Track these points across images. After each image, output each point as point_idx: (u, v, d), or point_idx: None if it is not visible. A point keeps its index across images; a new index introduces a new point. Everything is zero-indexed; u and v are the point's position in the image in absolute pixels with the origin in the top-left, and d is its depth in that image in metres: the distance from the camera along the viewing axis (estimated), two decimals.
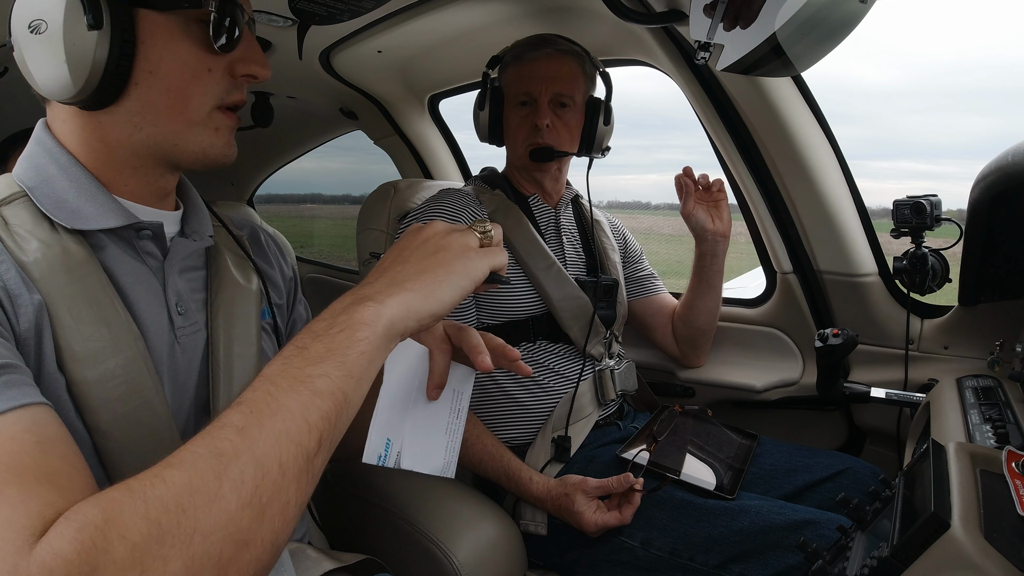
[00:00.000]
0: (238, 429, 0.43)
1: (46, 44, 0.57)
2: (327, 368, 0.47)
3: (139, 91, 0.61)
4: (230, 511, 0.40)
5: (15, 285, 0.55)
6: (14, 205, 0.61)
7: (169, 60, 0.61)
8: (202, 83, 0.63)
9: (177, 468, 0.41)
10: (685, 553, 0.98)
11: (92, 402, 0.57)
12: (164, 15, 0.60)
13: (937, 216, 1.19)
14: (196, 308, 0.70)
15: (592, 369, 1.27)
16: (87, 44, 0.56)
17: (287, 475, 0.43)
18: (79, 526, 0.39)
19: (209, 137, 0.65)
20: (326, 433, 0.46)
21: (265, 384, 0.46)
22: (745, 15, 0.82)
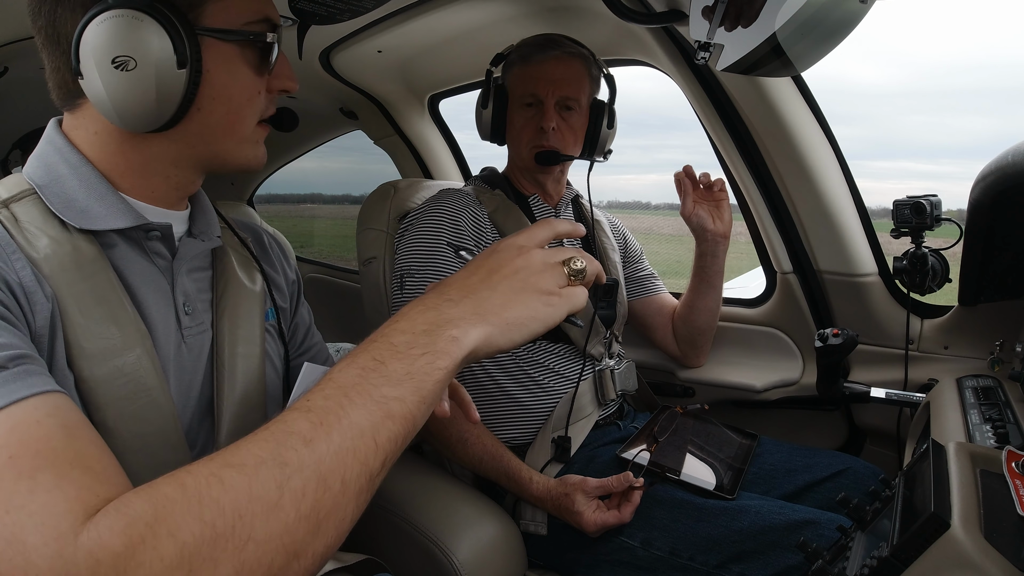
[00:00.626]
0: (306, 440, 0.42)
1: (135, 80, 0.58)
2: (404, 392, 0.46)
3: (201, 115, 0.63)
4: (287, 522, 0.40)
5: (30, 282, 0.55)
6: (24, 202, 0.61)
7: (231, 86, 0.64)
8: (254, 104, 0.67)
9: (238, 471, 0.40)
10: (685, 553, 0.98)
11: (99, 399, 0.58)
12: (226, 44, 0.62)
13: (937, 216, 1.19)
14: (203, 308, 0.71)
15: (592, 369, 1.27)
16: (177, 80, 0.59)
17: (348, 492, 0.43)
18: (129, 520, 0.38)
19: (253, 150, 0.69)
20: (391, 455, 0.46)
21: (338, 395, 0.45)
22: (745, 15, 0.82)
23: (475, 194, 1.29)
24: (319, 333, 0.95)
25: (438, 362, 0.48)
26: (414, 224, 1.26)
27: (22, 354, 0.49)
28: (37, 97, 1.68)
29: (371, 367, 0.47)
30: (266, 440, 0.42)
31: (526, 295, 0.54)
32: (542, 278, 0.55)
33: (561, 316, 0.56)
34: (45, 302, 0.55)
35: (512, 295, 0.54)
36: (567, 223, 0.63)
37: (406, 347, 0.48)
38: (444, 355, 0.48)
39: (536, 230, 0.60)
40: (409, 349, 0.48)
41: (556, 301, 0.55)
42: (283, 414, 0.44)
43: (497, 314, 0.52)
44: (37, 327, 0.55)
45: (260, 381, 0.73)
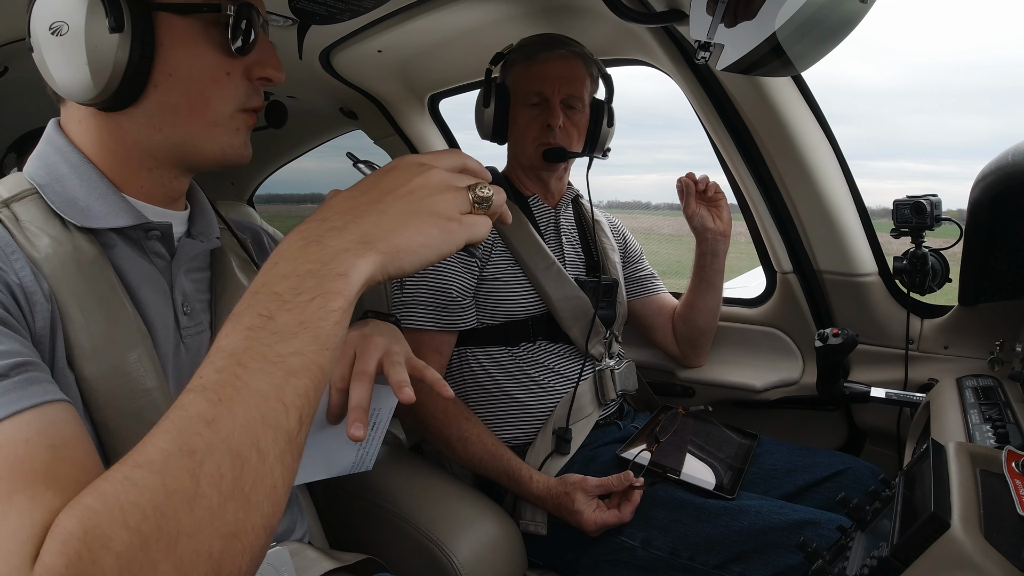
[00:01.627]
0: (208, 421, 0.39)
1: (67, 46, 0.57)
2: (300, 344, 0.42)
3: (158, 93, 0.61)
4: (212, 507, 0.38)
5: (30, 283, 0.55)
6: (25, 202, 0.61)
7: (188, 63, 0.61)
8: (221, 86, 0.64)
9: (147, 469, 0.38)
10: (685, 553, 0.98)
11: (99, 399, 0.58)
12: (183, 18, 0.60)
13: (937, 216, 1.19)
14: (201, 309, 0.71)
15: (592, 369, 1.27)
16: (108, 47, 0.57)
17: (268, 460, 0.40)
18: (62, 539, 0.38)
19: (228, 138, 0.66)
20: (305, 410, 0.43)
21: (231, 365, 0.41)
22: (745, 15, 0.82)
23: None
24: None
25: (330, 304, 0.44)
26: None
27: (24, 361, 0.48)
28: (37, 97, 1.68)
29: (259, 324, 0.43)
30: (168, 431, 0.40)
31: (420, 218, 0.48)
32: (440, 200, 0.50)
33: (458, 244, 0.51)
34: (45, 303, 0.55)
35: (404, 218, 0.48)
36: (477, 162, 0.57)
37: (292, 294, 0.43)
38: (335, 295, 0.44)
39: (443, 154, 0.55)
40: (296, 296, 0.43)
41: (454, 228, 0.50)
42: (180, 397, 0.41)
43: (386, 240, 0.47)
44: (37, 328, 0.55)
45: None
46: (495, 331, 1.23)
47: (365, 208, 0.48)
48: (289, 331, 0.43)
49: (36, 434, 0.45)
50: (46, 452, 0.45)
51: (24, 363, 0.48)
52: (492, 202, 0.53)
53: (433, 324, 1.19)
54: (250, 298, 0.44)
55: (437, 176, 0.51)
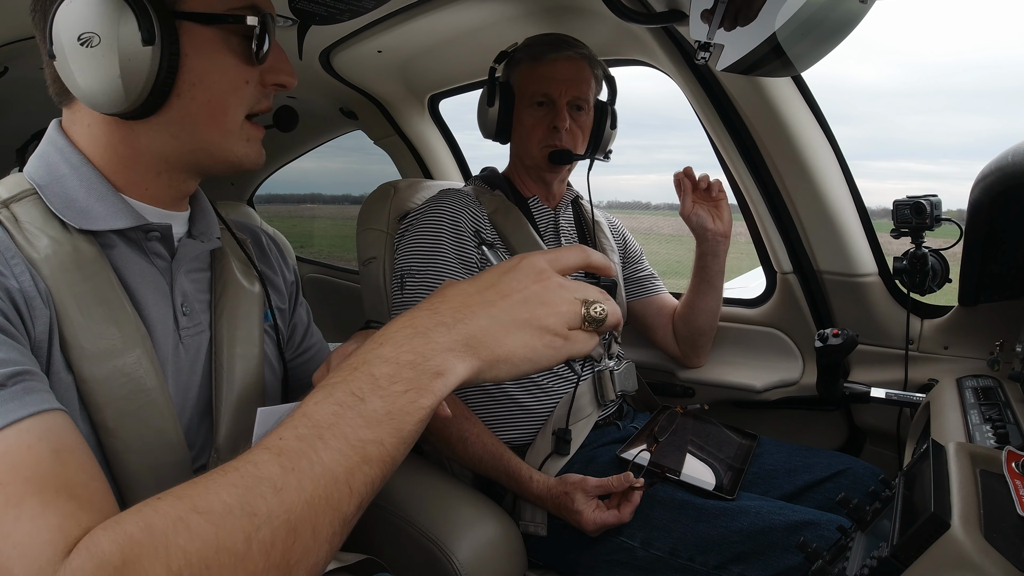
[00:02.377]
0: (276, 488, 0.39)
1: (98, 58, 0.57)
2: (382, 434, 0.42)
3: (181, 102, 0.62)
4: (255, 572, 0.38)
5: (30, 288, 0.55)
6: (24, 202, 0.61)
7: (211, 72, 0.62)
8: (240, 94, 0.65)
9: (206, 519, 0.38)
10: (685, 553, 0.98)
11: (99, 399, 0.58)
12: (207, 28, 0.61)
13: (937, 216, 1.19)
14: (200, 309, 0.71)
15: (591, 370, 1.27)
16: (142, 59, 0.57)
17: (319, 539, 0.41)
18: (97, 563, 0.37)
19: (243, 147, 0.67)
20: (366, 498, 0.43)
21: (312, 436, 0.41)
22: (745, 15, 0.82)
23: (475, 194, 1.29)
24: (319, 332, 0.95)
25: (421, 400, 0.44)
26: (414, 224, 1.26)
27: (21, 370, 0.49)
28: (38, 97, 1.68)
29: (349, 403, 0.43)
30: (235, 485, 0.40)
31: (528, 331, 0.48)
32: (553, 314, 0.49)
33: (559, 361, 0.50)
34: (44, 308, 0.55)
35: (513, 328, 0.48)
36: (602, 258, 0.57)
37: (388, 381, 0.44)
38: (428, 393, 0.44)
39: (566, 253, 0.53)
40: (391, 384, 0.44)
41: (559, 344, 0.49)
42: (252, 452, 0.41)
43: (490, 348, 0.47)
44: (37, 333, 0.55)
45: (258, 382, 0.73)
46: None
47: (477, 309, 0.48)
48: (376, 418, 0.43)
49: (37, 440, 0.45)
50: (50, 456, 0.45)
51: (22, 372, 0.49)
52: (605, 323, 0.51)
53: None
54: (347, 372, 0.45)
55: (555, 288, 0.50)
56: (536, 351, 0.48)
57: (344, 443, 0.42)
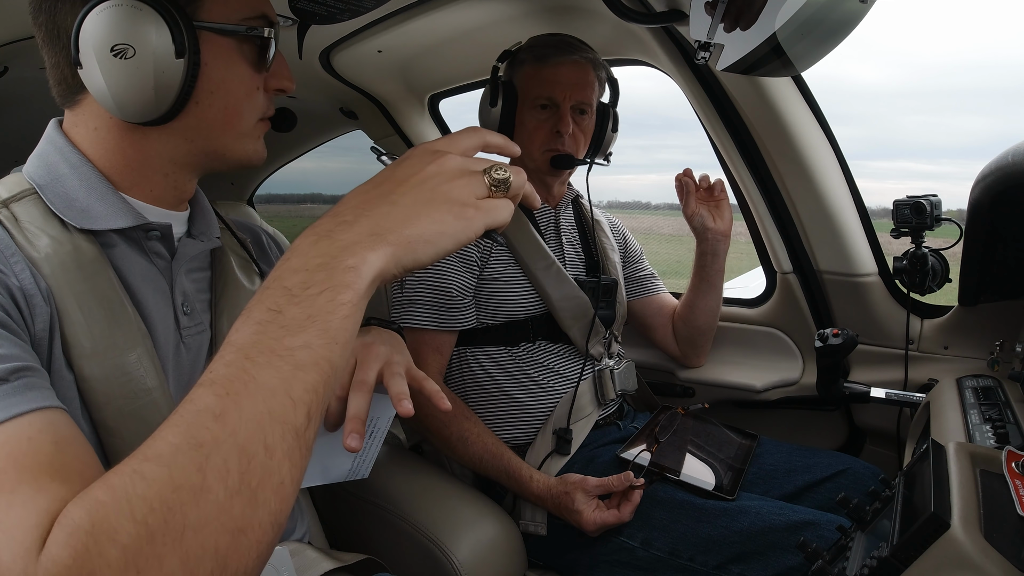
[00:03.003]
0: (215, 415, 0.40)
1: (132, 69, 0.58)
2: (308, 338, 0.42)
3: (199, 109, 0.63)
4: (219, 502, 0.38)
5: (30, 285, 0.55)
6: (24, 202, 0.61)
7: (228, 80, 0.64)
8: (252, 100, 0.67)
9: (156, 463, 0.39)
10: (685, 553, 0.98)
11: (99, 399, 0.58)
12: (223, 38, 0.63)
13: (937, 216, 1.19)
14: (201, 309, 0.71)
15: (592, 369, 1.27)
16: (175, 71, 0.59)
17: (275, 455, 0.40)
18: (69, 531, 0.38)
19: (252, 145, 0.69)
20: (314, 405, 0.42)
21: (239, 359, 0.41)
22: (745, 15, 0.82)
23: None
24: None
25: (340, 297, 0.43)
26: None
27: (23, 366, 0.49)
28: (38, 97, 1.68)
29: (268, 319, 0.43)
30: (177, 424, 0.40)
31: (434, 207, 0.47)
32: (456, 187, 0.49)
33: (477, 231, 0.49)
34: (44, 305, 0.55)
35: (418, 207, 0.47)
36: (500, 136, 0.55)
37: (301, 288, 0.43)
38: (345, 288, 0.44)
39: (460, 135, 0.53)
40: (305, 289, 0.43)
41: (471, 214, 0.48)
42: (190, 392, 0.41)
43: (397, 231, 0.46)
44: (37, 331, 0.55)
45: None
46: (495, 331, 1.23)
47: (376, 200, 0.48)
48: (297, 324, 0.42)
49: (38, 432, 0.46)
50: (50, 447, 0.45)
51: (23, 368, 0.49)
52: (511, 184, 0.51)
53: (433, 323, 1.19)
54: (261, 293, 0.44)
55: (451, 162, 0.50)
56: (448, 224, 0.48)
57: (271, 356, 0.41)
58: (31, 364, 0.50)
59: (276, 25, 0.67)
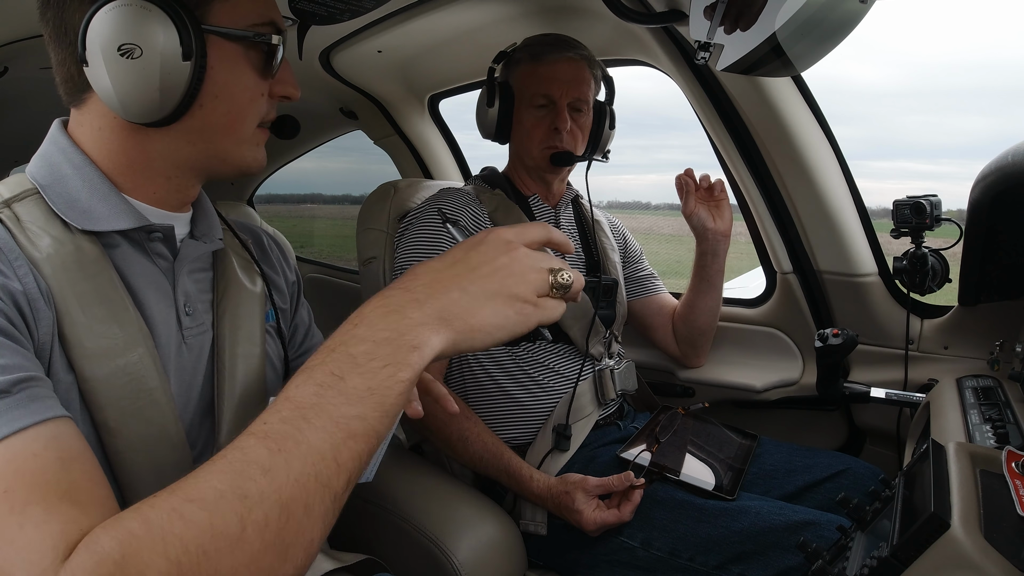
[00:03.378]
0: (264, 470, 0.41)
1: (139, 69, 0.58)
2: (365, 410, 0.44)
3: (202, 112, 0.63)
4: (252, 553, 0.40)
5: (33, 289, 0.55)
6: (26, 202, 0.61)
7: (232, 85, 0.64)
8: (255, 106, 0.67)
9: (199, 506, 0.40)
10: (685, 553, 0.98)
11: (101, 399, 0.58)
12: (230, 43, 0.63)
13: (937, 216, 1.19)
14: (203, 309, 0.71)
15: (592, 369, 1.27)
16: (180, 73, 0.59)
17: (312, 516, 0.42)
18: (98, 559, 0.38)
19: (252, 152, 0.69)
20: (355, 472, 0.44)
21: (296, 417, 0.43)
22: (745, 15, 0.82)
23: (475, 193, 1.29)
24: (320, 333, 0.95)
25: (400, 374, 0.46)
26: (414, 223, 1.26)
27: (26, 377, 0.49)
28: (38, 97, 1.68)
29: (329, 383, 0.44)
30: (224, 471, 0.41)
31: (499, 301, 0.50)
32: (522, 283, 0.52)
33: (530, 327, 0.52)
34: (47, 310, 0.55)
35: (484, 299, 0.50)
36: (562, 235, 0.59)
37: (366, 359, 0.45)
38: (406, 366, 0.46)
39: (529, 229, 0.56)
40: (369, 361, 0.45)
41: (529, 311, 0.52)
42: (239, 439, 0.43)
43: (462, 319, 0.49)
44: (40, 335, 0.55)
45: (260, 381, 0.74)
46: None
47: (448, 283, 0.50)
48: (357, 395, 0.44)
49: (43, 448, 0.46)
50: (55, 464, 0.46)
51: (26, 379, 0.49)
52: (570, 290, 0.54)
53: None
54: (326, 355, 0.46)
55: (523, 260, 0.53)
56: (508, 318, 0.51)
57: (328, 421, 0.43)
58: (33, 373, 0.50)
59: (284, 32, 0.67)
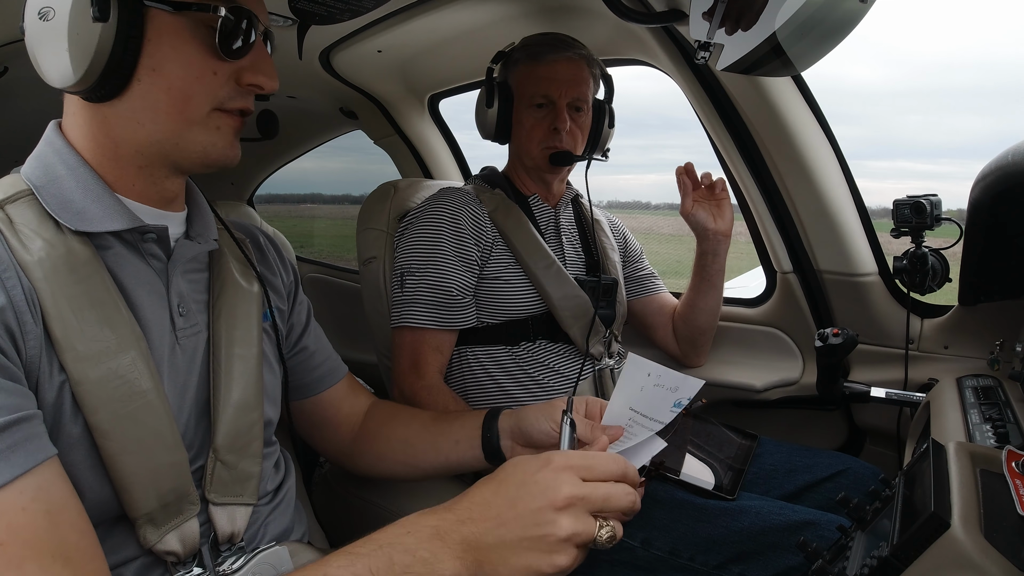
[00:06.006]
0: None
1: (52, 32, 0.58)
2: None
3: (142, 88, 0.61)
4: None
5: (20, 302, 0.55)
6: (19, 204, 0.61)
7: (173, 60, 0.61)
8: (204, 84, 0.63)
9: None
10: (685, 553, 0.98)
11: (94, 402, 0.57)
12: (174, 16, 0.61)
13: (937, 216, 1.19)
14: (198, 310, 0.71)
15: (592, 368, 1.27)
16: (90, 35, 0.57)
17: None
18: None
19: (209, 137, 0.65)
20: None
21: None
22: (745, 15, 0.82)
23: (475, 193, 1.29)
24: (319, 329, 0.95)
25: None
26: (414, 223, 1.26)
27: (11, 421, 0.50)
28: (38, 97, 1.68)
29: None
30: None
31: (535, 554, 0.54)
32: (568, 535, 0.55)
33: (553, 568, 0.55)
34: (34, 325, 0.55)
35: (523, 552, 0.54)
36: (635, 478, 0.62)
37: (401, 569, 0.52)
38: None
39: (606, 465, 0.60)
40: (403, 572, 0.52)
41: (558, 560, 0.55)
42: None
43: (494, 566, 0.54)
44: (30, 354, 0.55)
45: (257, 382, 0.73)
46: (495, 330, 1.23)
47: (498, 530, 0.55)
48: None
49: (31, 501, 0.48)
50: (43, 519, 0.48)
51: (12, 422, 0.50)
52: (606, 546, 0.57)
53: (434, 323, 1.19)
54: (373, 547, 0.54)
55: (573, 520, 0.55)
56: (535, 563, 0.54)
57: None
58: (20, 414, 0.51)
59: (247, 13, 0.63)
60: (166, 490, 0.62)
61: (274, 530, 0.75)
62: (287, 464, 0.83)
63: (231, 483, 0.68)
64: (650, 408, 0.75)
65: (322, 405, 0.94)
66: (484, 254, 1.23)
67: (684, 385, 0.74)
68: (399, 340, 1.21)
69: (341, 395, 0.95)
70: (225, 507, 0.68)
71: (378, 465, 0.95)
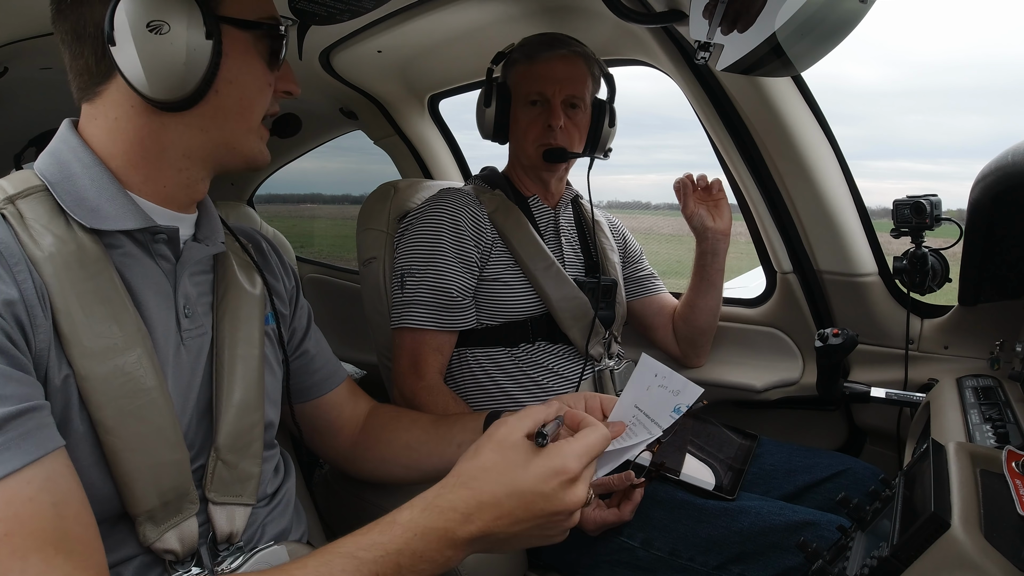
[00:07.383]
0: None
1: (167, 44, 0.60)
2: None
3: (217, 98, 0.65)
4: None
5: (31, 295, 0.55)
6: (31, 199, 0.61)
7: (244, 72, 0.67)
8: (264, 96, 0.70)
9: None
10: (685, 554, 0.98)
11: (99, 398, 0.58)
12: (242, 31, 0.66)
13: (937, 216, 1.19)
14: (203, 311, 0.72)
15: (592, 369, 1.27)
16: (203, 51, 0.62)
17: None
18: None
19: (259, 144, 0.72)
20: None
21: None
22: (745, 15, 0.82)
23: (475, 194, 1.29)
24: (319, 333, 0.95)
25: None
26: (414, 224, 1.26)
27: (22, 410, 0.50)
28: (38, 97, 1.68)
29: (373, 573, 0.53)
30: None
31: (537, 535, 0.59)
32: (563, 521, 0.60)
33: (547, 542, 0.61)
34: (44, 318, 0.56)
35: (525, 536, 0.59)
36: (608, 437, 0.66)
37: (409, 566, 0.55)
38: None
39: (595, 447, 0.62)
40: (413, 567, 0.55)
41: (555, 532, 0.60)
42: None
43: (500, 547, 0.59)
44: (38, 343, 0.55)
45: (259, 383, 0.74)
46: (495, 332, 1.23)
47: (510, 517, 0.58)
48: None
49: (38, 492, 0.49)
50: (50, 510, 0.49)
51: (22, 411, 0.50)
52: None
53: (433, 324, 1.19)
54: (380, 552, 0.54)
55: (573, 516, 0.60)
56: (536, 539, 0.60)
57: None
58: (30, 404, 0.51)
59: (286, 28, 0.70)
60: (167, 488, 0.62)
61: (272, 531, 0.75)
62: (286, 466, 0.84)
63: (231, 483, 0.69)
64: (652, 409, 0.76)
65: (322, 409, 0.94)
66: (484, 255, 1.23)
67: (685, 390, 0.76)
68: (399, 341, 1.22)
69: (341, 399, 0.96)
70: (224, 507, 0.68)
71: (380, 469, 0.96)
